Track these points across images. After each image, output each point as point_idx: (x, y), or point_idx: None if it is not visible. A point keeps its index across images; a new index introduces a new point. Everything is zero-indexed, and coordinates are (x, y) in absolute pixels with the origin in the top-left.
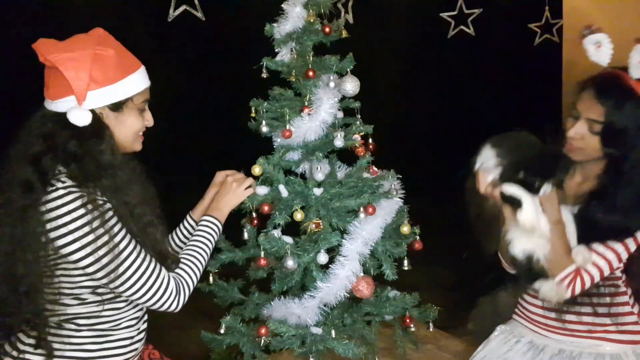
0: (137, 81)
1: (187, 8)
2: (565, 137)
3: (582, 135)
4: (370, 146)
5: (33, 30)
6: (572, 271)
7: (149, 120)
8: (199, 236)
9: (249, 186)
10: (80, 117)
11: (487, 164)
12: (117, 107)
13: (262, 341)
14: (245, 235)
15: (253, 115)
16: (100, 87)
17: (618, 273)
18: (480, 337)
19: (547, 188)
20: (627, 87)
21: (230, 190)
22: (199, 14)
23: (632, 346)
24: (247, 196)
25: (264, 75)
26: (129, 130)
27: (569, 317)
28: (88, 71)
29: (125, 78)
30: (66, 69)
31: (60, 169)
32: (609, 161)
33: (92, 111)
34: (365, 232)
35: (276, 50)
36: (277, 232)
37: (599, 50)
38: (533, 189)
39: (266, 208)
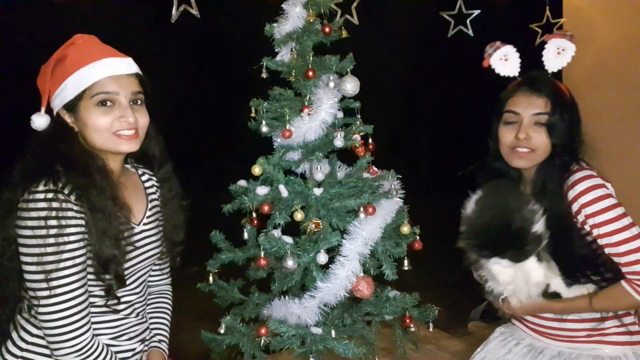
0: (88, 74)
1: (186, 7)
2: (508, 145)
3: (529, 134)
4: (370, 146)
5: (35, 30)
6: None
7: (123, 115)
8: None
9: None
10: (35, 121)
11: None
12: (70, 106)
13: (262, 341)
14: (245, 235)
15: (253, 115)
16: (55, 89)
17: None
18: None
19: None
20: (552, 79)
21: None
22: (195, 11)
23: (631, 347)
24: None
25: (264, 75)
26: (93, 130)
27: (568, 324)
28: (48, 76)
29: (72, 75)
30: (38, 81)
31: (41, 172)
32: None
33: (55, 115)
34: (365, 232)
35: (276, 50)
36: (277, 232)
37: (507, 63)
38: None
39: (266, 208)
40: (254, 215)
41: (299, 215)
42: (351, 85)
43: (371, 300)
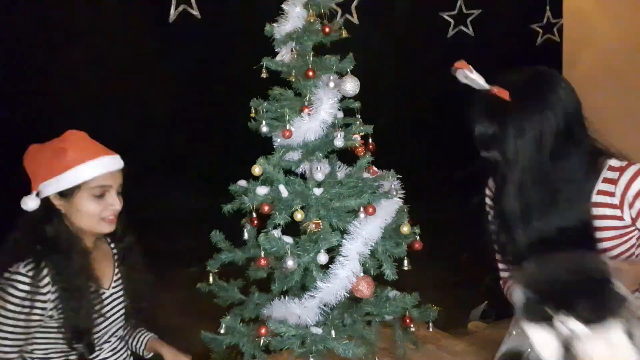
0: (88, 172)
1: (186, 7)
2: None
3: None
4: (370, 146)
5: (34, 30)
6: None
7: (113, 204)
8: None
9: None
10: (28, 203)
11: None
12: (64, 194)
13: (262, 341)
14: (245, 235)
15: (253, 115)
16: (50, 178)
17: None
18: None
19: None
20: (487, 101)
21: None
22: (195, 12)
23: None
24: None
25: (264, 75)
26: (83, 215)
27: None
28: (43, 164)
29: (72, 169)
30: (27, 167)
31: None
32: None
33: (44, 198)
34: (365, 232)
35: (276, 50)
36: (277, 232)
37: (472, 80)
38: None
39: (266, 208)
40: (254, 215)
41: (299, 215)
42: (351, 85)
43: (371, 300)
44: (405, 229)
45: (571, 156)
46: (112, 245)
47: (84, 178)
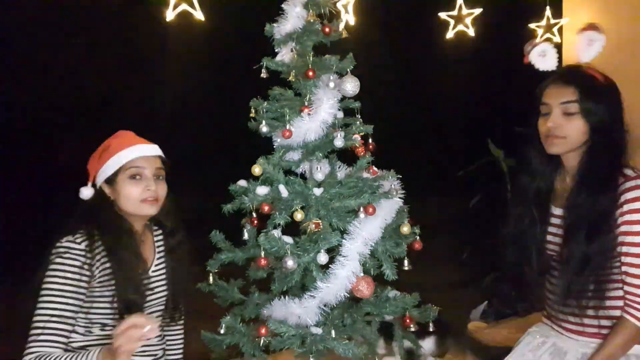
0: (124, 155)
1: (190, 9)
2: (543, 134)
3: (559, 122)
4: (370, 146)
5: (33, 30)
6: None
7: (148, 186)
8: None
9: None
10: (83, 192)
11: None
12: (110, 180)
13: (262, 341)
14: (245, 235)
15: (253, 115)
16: (99, 169)
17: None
18: None
19: None
20: (587, 73)
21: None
22: (197, 14)
23: None
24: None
25: (264, 75)
26: (127, 199)
27: (587, 320)
28: (96, 161)
29: (114, 156)
30: (89, 165)
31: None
32: (591, 140)
33: (98, 188)
34: (365, 232)
35: (276, 50)
36: (277, 232)
37: (545, 59)
38: None
39: (266, 208)
40: (254, 215)
41: (299, 215)
42: (351, 85)
43: (371, 300)
44: (405, 229)
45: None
46: (156, 233)
47: (120, 162)
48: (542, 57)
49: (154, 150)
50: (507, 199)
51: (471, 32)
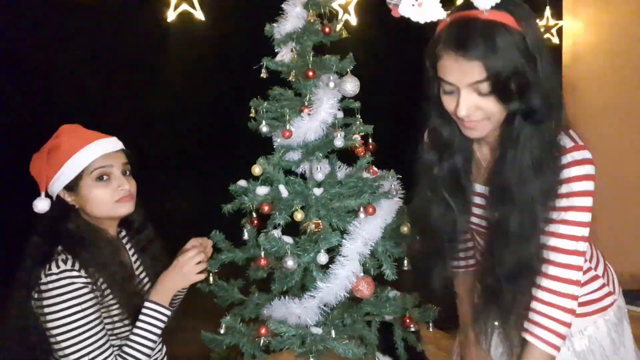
0: (84, 156)
1: (191, 10)
2: (456, 117)
3: (474, 105)
4: (370, 146)
5: (33, 31)
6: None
7: (120, 184)
8: (137, 330)
9: (203, 270)
10: (38, 205)
11: None
12: (70, 187)
13: (262, 341)
14: (245, 235)
15: (253, 115)
16: (53, 175)
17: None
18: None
19: None
20: (485, 26)
21: (179, 271)
22: (198, 14)
23: (601, 314)
24: (197, 280)
25: (264, 75)
26: (96, 204)
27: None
28: (44, 164)
29: (70, 158)
30: (32, 170)
31: (57, 251)
32: (509, 115)
33: (55, 197)
34: (365, 232)
35: (276, 50)
36: (277, 232)
37: (424, 8)
38: None
39: (266, 208)
40: (254, 215)
41: (299, 215)
42: (351, 85)
43: (371, 300)
44: (405, 229)
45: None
46: (123, 233)
47: (81, 165)
48: (418, 7)
49: (115, 144)
50: None
51: None
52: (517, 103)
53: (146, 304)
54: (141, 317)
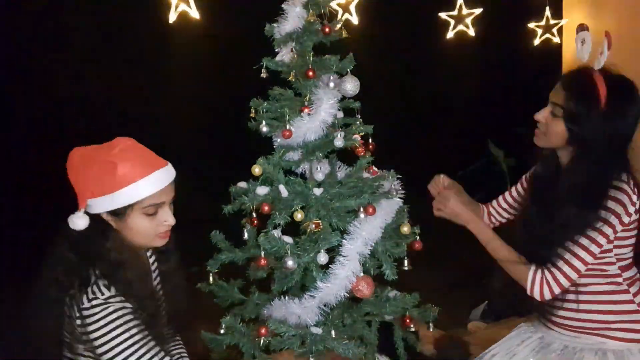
0: (142, 188)
1: (185, 8)
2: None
3: (545, 118)
4: (370, 146)
5: (34, 31)
6: (535, 277)
7: (167, 220)
8: None
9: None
10: (75, 222)
11: None
12: (116, 214)
13: (262, 341)
14: (245, 235)
15: (253, 115)
16: (100, 195)
17: (614, 269)
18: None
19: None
20: (589, 82)
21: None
22: (192, 11)
23: (637, 344)
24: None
25: (264, 75)
26: (137, 233)
27: (569, 314)
28: (90, 180)
29: (127, 187)
30: (73, 180)
31: (96, 275)
32: (572, 148)
33: (94, 215)
34: (365, 232)
35: (276, 50)
36: (277, 232)
37: (584, 47)
38: None
39: (266, 208)
40: (254, 215)
41: (299, 215)
42: (351, 85)
43: (371, 300)
44: (405, 229)
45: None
46: (149, 253)
47: (136, 198)
48: (582, 45)
49: (170, 174)
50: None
51: (471, 32)
52: (578, 128)
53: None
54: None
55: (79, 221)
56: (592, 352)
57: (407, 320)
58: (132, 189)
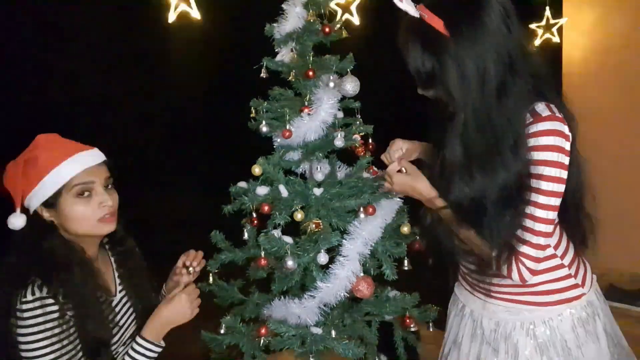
0: (65, 171)
1: (186, 8)
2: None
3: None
4: (370, 146)
5: (35, 31)
6: (501, 257)
7: (103, 201)
8: None
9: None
10: (14, 222)
11: None
12: (49, 204)
13: (262, 341)
14: (245, 235)
15: (253, 115)
16: (30, 190)
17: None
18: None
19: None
20: (421, 30)
21: (177, 308)
22: (193, 11)
23: (567, 305)
24: (192, 317)
25: (264, 75)
26: (76, 220)
27: (497, 281)
28: (19, 178)
29: (49, 173)
30: (7, 183)
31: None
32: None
33: (32, 213)
34: (365, 232)
35: (276, 50)
36: (277, 232)
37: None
38: None
39: (266, 208)
40: (254, 215)
41: (299, 215)
42: (351, 85)
43: (371, 300)
44: (405, 229)
45: (514, 94)
46: (108, 247)
47: (61, 181)
48: (402, 2)
49: (97, 157)
50: None
51: None
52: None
53: (137, 339)
54: (130, 352)
55: (15, 220)
56: (522, 331)
57: (408, 320)
58: (55, 173)
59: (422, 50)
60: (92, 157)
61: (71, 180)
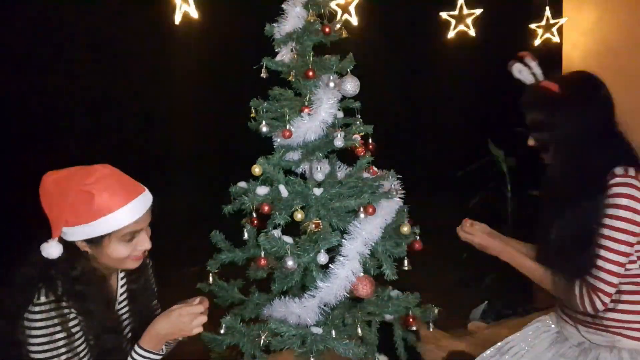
0: (120, 219)
1: (186, 9)
2: None
3: (531, 144)
4: (370, 146)
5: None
6: (582, 292)
7: (142, 245)
8: None
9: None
10: (48, 251)
11: None
12: (92, 242)
13: (262, 341)
14: (245, 235)
15: (253, 115)
16: (76, 225)
17: (636, 268)
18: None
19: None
20: (538, 89)
21: (179, 321)
22: (191, 10)
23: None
24: (193, 334)
25: (264, 75)
26: (112, 259)
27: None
28: (66, 208)
29: (104, 217)
30: (47, 207)
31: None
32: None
33: (68, 242)
34: (365, 232)
35: (276, 50)
36: (277, 232)
37: (523, 74)
38: None
39: (266, 208)
40: (254, 215)
41: (299, 215)
42: (351, 85)
43: (372, 300)
44: (405, 229)
45: (603, 150)
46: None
47: (115, 227)
48: (520, 74)
49: (147, 201)
50: (506, 199)
51: (472, 32)
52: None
53: (136, 348)
54: None
55: (52, 250)
56: (607, 349)
57: (410, 320)
58: (110, 219)
59: (536, 105)
60: (144, 202)
61: (124, 228)
